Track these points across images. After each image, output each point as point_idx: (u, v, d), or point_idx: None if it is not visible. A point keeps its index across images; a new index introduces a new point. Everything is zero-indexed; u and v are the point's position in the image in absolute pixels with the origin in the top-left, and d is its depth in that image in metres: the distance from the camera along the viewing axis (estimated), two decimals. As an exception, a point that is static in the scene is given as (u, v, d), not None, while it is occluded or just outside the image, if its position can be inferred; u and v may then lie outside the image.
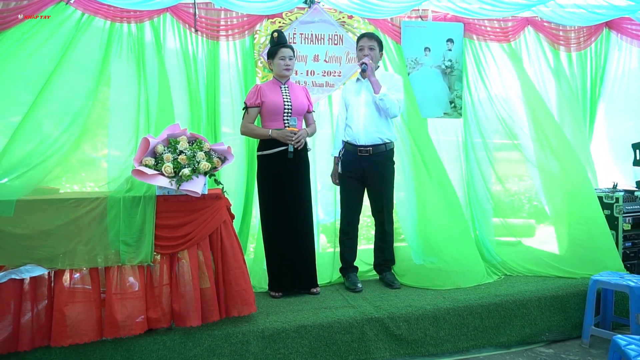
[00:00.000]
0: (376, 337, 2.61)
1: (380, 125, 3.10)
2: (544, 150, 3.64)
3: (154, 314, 2.40)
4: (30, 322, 2.28)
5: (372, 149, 3.09)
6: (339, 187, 3.26)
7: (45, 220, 2.33)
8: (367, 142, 3.09)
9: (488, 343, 2.78)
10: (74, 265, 2.33)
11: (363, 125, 3.09)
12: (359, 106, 3.12)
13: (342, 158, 3.20)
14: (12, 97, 3.06)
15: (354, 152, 3.11)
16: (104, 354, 2.33)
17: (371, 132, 3.09)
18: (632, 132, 4.01)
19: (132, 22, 3.27)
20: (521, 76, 3.79)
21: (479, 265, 3.31)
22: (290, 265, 2.97)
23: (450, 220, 3.34)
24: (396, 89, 3.11)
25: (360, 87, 3.17)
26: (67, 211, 2.35)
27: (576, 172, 3.49)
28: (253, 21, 3.51)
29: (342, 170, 3.18)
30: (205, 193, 2.47)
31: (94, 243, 2.36)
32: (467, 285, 3.09)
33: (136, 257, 2.38)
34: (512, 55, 3.85)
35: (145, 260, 2.38)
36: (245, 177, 3.49)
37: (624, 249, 3.48)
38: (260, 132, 2.95)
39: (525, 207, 4.03)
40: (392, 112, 3.05)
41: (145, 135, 2.52)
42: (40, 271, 2.29)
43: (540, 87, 3.92)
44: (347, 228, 3.20)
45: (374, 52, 3.11)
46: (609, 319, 2.96)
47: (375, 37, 3.18)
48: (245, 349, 2.44)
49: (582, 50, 4.08)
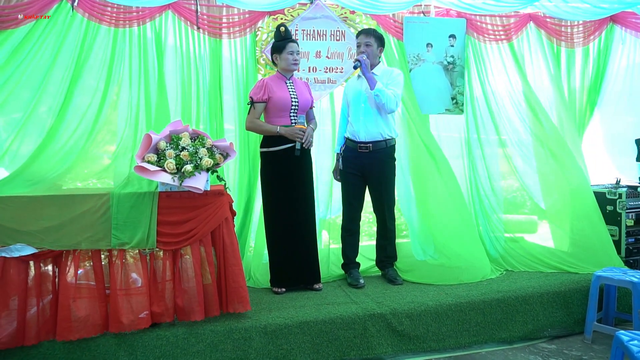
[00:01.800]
0: (378, 333, 2.62)
1: (381, 122, 3.09)
2: (543, 149, 3.69)
3: (157, 308, 2.42)
4: (35, 316, 2.30)
5: (372, 146, 3.08)
6: (341, 184, 3.27)
7: (49, 217, 2.34)
8: (367, 139, 3.09)
9: (490, 339, 2.78)
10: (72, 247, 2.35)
11: (363, 121, 3.09)
12: (359, 103, 3.12)
13: (342, 154, 3.21)
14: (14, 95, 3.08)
15: (354, 149, 3.12)
16: (107, 350, 2.34)
17: (371, 128, 3.08)
18: (635, 127, 4.00)
19: (135, 25, 3.29)
20: (521, 74, 3.79)
21: (482, 261, 3.31)
22: (293, 261, 2.98)
23: (455, 216, 3.35)
24: (395, 83, 3.09)
25: (360, 83, 3.16)
26: (71, 207, 2.37)
27: (574, 171, 3.56)
28: (255, 18, 3.50)
29: (343, 167, 3.20)
30: (207, 189, 2.48)
31: (98, 238, 2.38)
32: (471, 281, 3.09)
33: (140, 245, 2.40)
34: (513, 52, 3.84)
35: (150, 246, 2.39)
36: (247, 174, 3.50)
37: (627, 245, 3.47)
38: (267, 128, 2.92)
39: (527, 204, 4.02)
40: (389, 107, 3.02)
41: (148, 132, 2.52)
42: (30, 250, 2.29)
43: (541, 84, 3.91)
44: (348, 225, 3.20)
45: (371, 48, 3.09)
46: (612, 315, 2.96)
47: (373, 32, 3.16)
48: (248, 345, 2.45)
49: (586, 45, 4.06)
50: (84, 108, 3.13)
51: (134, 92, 3.28)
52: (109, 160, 3.16)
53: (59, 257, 2.38)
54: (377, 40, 3.14)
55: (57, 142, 3.01)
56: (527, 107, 3.80)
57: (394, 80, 3.10)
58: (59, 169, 2.92)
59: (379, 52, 3.16)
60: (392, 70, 3.24)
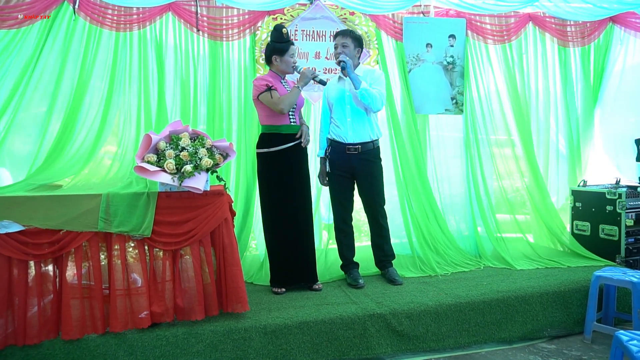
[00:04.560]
0: (378, 333, 2.62)
1: (368, 123, 3.10)
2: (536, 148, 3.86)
3: (157, 308, 2.42)
4: (36, 316, 2.31)
5: (360, 147, 3.08)
6: (330, 186, 3.22)
7: (49, 217, 2.34)
8: (355, 140, 3.07)
9: (490, 339, 2.78)
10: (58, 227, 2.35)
11: (351, 123, 3.07)
12: (344, 104, 3.09)
13: (329, 157, 3.15)
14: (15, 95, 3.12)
15: (342, 151, 3.09)
16: (107, 350, 2.35)
17: (358, 129, 3.08)
18: (635, 127, 4.00)
19: (135, 28, 3.30)
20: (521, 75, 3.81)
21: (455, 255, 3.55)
22: (292, 261, 2.98)
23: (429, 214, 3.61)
24: (378, 82, 3.08)
25: (342, 85, 3.13)
26: (71, 207, 2.37)
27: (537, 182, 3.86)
28: (255, 18, 3.51)
29: (331, 169, 3.15)
30: (207, 190, 2.48)
31: (88, 222, 2.37)
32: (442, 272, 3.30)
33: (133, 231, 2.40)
34: (512, 53, 3.85)
35: (144, 233, 2.39)
36: (247, 174, 3.50)
37: (627, 245, 3.47)
38: (292, 93, 2.88)
39: (527, 204, 4.03)
40: (375, 106, 3.02)
41: (147, 132, 2.53)
42: (17, 227, 2.28)
43: (540, 83, 3.92)
44: (341, 226, 3.20)
45: (348, 49, 3.04)
46: (611, 315, 2.96)
47: (350, 33, 3.10)
48: (248, 345, 2.46)
49: (585, 45, 4.07)
50: (92, 115, 3.22)
51: (134, 94, 3.30)
52: (110, 161, 3.20)
53: (60, 257, 2.38)
54: (355, 41, 3.09)
55: (67, 150, 3.11)
56: (526, 107, 3.81)
57: (377, 80, 3.09)
58: (69, 174, 3.00)
59: (357, 52, 3.11)
60: (374, 70, 3.24)
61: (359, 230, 3.70)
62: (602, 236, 3.58)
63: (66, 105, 3.18)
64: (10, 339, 2.27)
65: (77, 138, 3.16)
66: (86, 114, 3.22)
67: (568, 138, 4.03)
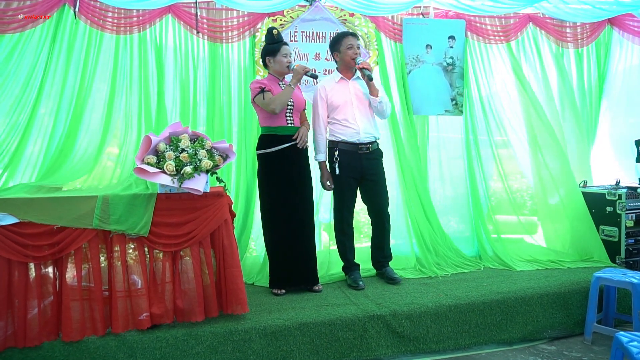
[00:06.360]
0: (378, 334, 2.62)
1: (371, 123, 3.16)
2: (536, 151, 3.77)
3: (157, 310, 2.42)
4: (36, 317, 2.31)
5: (370, 146, 3.11)
6: (337, 190, 3.15)
7: (50, 218, 2.34)
8: (366, 140, 3.10)
9: (490, 340, 2.78)
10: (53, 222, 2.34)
11: (361, 123, 3.09)
12: (351, 106, 3.10)
13: (339, 159, 3.07)
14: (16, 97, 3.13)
15: (354, 151, 3.08)
16: (107, 352, 2.34)
17: (368, 130, 3.12)
18: (635, 128, 4.00)
19: (135, 31, 3.31)
20: (520, 75, 3.80)
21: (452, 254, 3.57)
22: (292, 262, 2.98)
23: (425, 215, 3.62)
24: (382, 90, 3.18)
25: (346, 86, 3.13)
26: (72, 209, 2.36)
27: (565, 175, 3.69)
28: (254, 20, 3.52)
29: (341, 172, 3.08)
30: (207, 191, 2.48)
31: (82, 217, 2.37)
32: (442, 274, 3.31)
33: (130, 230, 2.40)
34: (512, 53, 3.85)
35: (141, 232, 2.39)
36: (247, 175, 3.50)
37: (627, 246, 3.47)
38: (285, 92, 2.85)
39: (527, 205, 4.02)
40: (387, 113, 3.19)
41: (147, 134, 2.53)
42: (11, 220, 2.27)
43: (541, 85, 3.91)
44: (344, 229, 3.20)
45: (359, 51, 3.12)
46: (612, 316, 2.95)
47: (358, 37, 3.18)
48: (248, 346, 2.45)
49: (584, 46, 4.07)
50: (95, 119, 3.25)
51: (134, 96, 3.31)
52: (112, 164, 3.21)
53: (60, 259, 2.38)
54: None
55: (72, 155, 3.13)
56: (525, 108, 3.80)
57: (381, 87, 3.20)
58: (74, 178, 3.03)
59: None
60: None
61: (358, 231, 3.70)
62: (602, 237, 3.58)
63: (71, 110, 3.19)
64: (10, 340, 2.28)
65: (81, 144, 3.18)
66: (89, 119, 3.24)
67: (568, 138, 4.01)
